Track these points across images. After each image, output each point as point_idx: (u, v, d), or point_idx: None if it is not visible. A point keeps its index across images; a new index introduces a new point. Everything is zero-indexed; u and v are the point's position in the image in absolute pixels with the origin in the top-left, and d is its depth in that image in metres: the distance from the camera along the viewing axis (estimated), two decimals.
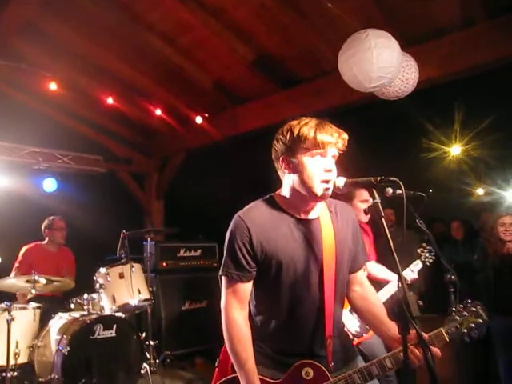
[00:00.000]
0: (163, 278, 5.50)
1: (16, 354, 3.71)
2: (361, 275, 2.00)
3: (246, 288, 1.82)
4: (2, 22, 4.23)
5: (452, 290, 3.30)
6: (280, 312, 1.82)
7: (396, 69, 3.44)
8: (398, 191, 1.89)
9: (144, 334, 4.39)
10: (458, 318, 1.84)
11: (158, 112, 5.80)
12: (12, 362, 3.66)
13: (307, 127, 1.74)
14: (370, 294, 2.00)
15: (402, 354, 1.64)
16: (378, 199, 1.69)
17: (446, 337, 1.77)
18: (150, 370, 4.17)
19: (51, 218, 5.00)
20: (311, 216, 1.85)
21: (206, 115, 5.79)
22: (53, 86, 5.06)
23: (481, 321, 1.83)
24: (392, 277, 3.27)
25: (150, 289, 4.56)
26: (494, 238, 3.91)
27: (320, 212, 1.88)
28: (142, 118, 6.25)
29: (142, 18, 4.47)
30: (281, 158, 1.83)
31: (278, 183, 1.99)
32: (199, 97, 5.62)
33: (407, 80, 3.67)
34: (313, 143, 1.73)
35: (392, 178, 1.73)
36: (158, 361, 4.64)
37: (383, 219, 1.68)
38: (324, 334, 1.81)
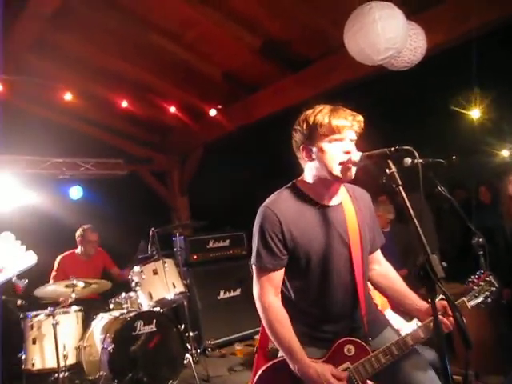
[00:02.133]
0: (195, 270, 5.62)
1: (64, 355, 3.89)
2: (378, 254, 2.11)
3: (279, 275, 1.90)
4: (12, 39, 4.34)
5: (481, 252, 3.31)
6: (313, 294, 1.91)
7: (403, 39, 3.42)
8: (417, 160, 1.92)
9: (183, 326, 4.52)
10: (476, 287, 1.96)
11: (172, 109, 5.88)
12: (62, 363, 3.84)
13: (321, 114, 1.83)
14: (389, 271, 2.10)
15: (431, 324, 1.72)
16: (393, 169, 1.72)
17: (469, 305, 1.89)
18: (193, 361, 4.30)
19: (85, 227, 5.10)
20: (334, 202, 1.94)
21: (220, 107, 5.84)
22: (68, 97, 5.21)
23: (494, 288, 1.96)
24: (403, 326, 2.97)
25: (184, 282, 4.68)
26: (506, 197, 3.92)
27: (342, 198, 1.96)
28: (157, 116, 6.33)
29: (146, 19, 4.52)
30: (301, 148, 1.92)
31: (298, 166, 2.05)
32: (210, 89, 5.67)
33: (415, 49, 3.64)
34: (329, 129, 1.81)
35: (406, 147, 1.76)
36: (199, 351, 4.78)
37: (401, 188, 1.71)
38: (360, 313, 1.91)
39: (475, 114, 7.43)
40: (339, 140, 1.82)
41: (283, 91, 5.20)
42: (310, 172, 1.93)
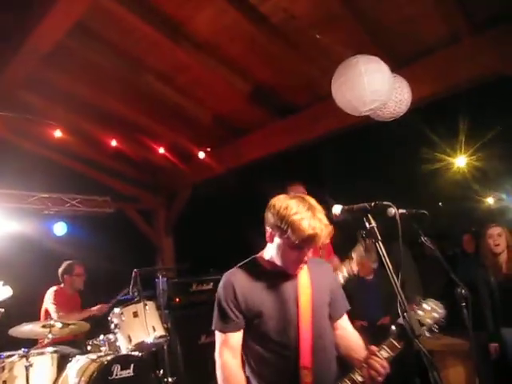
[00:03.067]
0: (177, 313, 5.50)
1: None
2: (342, 322, 2.17)
3: (236, 337, 2.01)
4: (6, 77, 4.39)
5: (464, 304, 3.30)
6: (267, 353, 1.99)
7: (388, 91, 3.54)
8: (401, 211, 1.97)
9: (162, 371, 4.39)
10: (418, 317, 1.83)
11: (161, 150, 5.94)
12: None
13: (292, 225, 1.85)
14: (350, 334, 2.16)
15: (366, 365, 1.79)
16: (373, 224, 1.76)
17: (397, 344, 1.80)
18: None
19: (70, 262, 5.03)
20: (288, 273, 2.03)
21: (209, 149, 5.92)
22: (58, 134, 5.24)
23: (436, 315, 1.86)
24: None
25: (165, 325, 4.58)
26: (486, 251, 3.93)
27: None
28: (146, 156, 6.39)
29: (140, 61, 4.63)
30: (267, 228, 2.00)
31: None
32: (200, 132, 5.76)
33: (400, 101, 3.76)
34: (294, 240, 1.86)
35: (386, 202, 1.81)
36: None
37: (380, 243, 1.74)
38: (298, 367, 1.94)
39: (461, 161, 7.59)
40: (299, 248, 1.89)
41: (271, 136, 5.31)
42: (269, 250, 2.05)
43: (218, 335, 2.05)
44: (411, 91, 3.79)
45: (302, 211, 1.87)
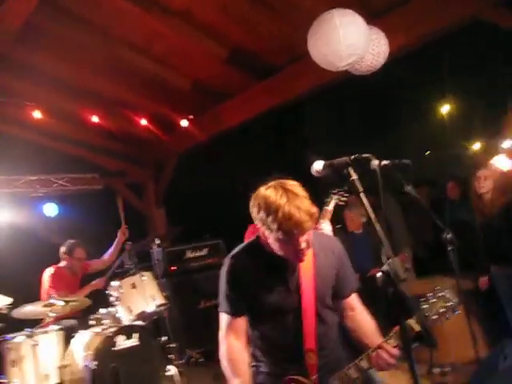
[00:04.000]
0: (174, 281, 5.62)
1: (46, 375, 3.85)
2: (351, 300, 2.14)
3: (240, 321, 2.03)
4: None
5: (451, 248, 3.41)
6: (271, 336, 2.02)
7: (364, 44, 3.53)
8: (384, 162, 2.01)
9: (165, 338, 4.51)
10: (427, 305, 1.88)
11: (144, 122, 5.89)
12: None
13: (270, 217, 1.80)
14: (361, 317, 2.13)
15: (372, 354, 1.83)
16: (354, 176, 1.81)
17: (416, 327, 1.82)
18: (177, 372, 4.30)
19: (72, 242, 5.04)
20: None
21: (191, 117, 5.88)
22: (37, 115, 5.17)
23: (451, 303, 1.87)
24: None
25: (164, 294, 4.68)
26: (472, 193, 4.04)
27: None
28: (130, 130, 6.33)
29: (113, 33, 4.53)
30: (259, 220, 1.90)
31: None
32: (181, 100, 5.70)
33: (378, 53, 3.75)
34: (280, 235, 1.82)
35: (365, 155, 1.85)
36: (182, 361, 4.78)
37: (362, 194, 1.78)
38: (308, 361, 1.95)
39: (445, 108, 7.62)
40: (289, 237, 1.82)
41: (252, 99, 5.28)
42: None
43: (223, 317, 2.06)
44: (388, 42, 3.78)
45: (278, 203, 1.80)
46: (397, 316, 1.65)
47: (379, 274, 1.65)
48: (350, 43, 3.37)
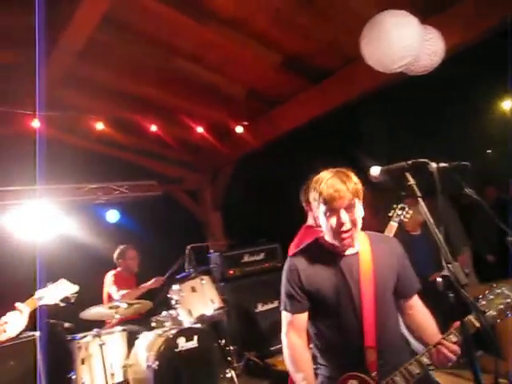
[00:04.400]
0: (232, 285, 5.72)
1: (112, 374, 4.04)
2: (412, 301, 2.13)
3: (302, 318, 2.09)
4: (46, 77, 4.58)
5: None
6: (331, 333, 2.04)
7: (419, 45, 3.46)
8: (442, 165, 1.99)
9: (224, 341, 4.60)
10: (484, 302, 1.86)
11: (200, 129, 6.05)
12: (110, 382, 3.99)
13: (316, 189, 1.99)
14: (421, 316, 2.11)
15: (434, 349, 1.81)
16: (412, 182, 1.80)
17: (476, 323, 1.79)
18: (235, 374, 4.38)
19: (122, 247, 5.31)
20: (350, 251, 2.07)
21: (246, 123, 5.98)
22: (99, 126, 5.46)
23: (509, 300, 1.83)
24: None
25: (222, 297, 4.78)
26: None
27: (360, 246, 2.07)
28: (187, 137, 6.52)
29: (169, 45, 4.69)
30: (310, 204, 2.11)
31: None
32: (236, 107, 5.81)
33: (433, 53, 3.66)
34: (322, 204, 1.97)
35: (422, 160, 1.83)
36: (241, 364, 4.86)
37: (421, 199, 1.77)
38: (362, 346, 1.96)
39: (506, 104, 7.30)
40: (333, 213, 1.95)
41: (306, 103, 5.29)
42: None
43: (285, 315, 2.13)
44: (444, 41, 3.69)
45: (325, 177, 1.98)
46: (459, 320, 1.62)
47: (439, 279, 1.62)
48: (403, 45, 3.33)
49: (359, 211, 1.99)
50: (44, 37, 3.99)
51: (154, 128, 5.86)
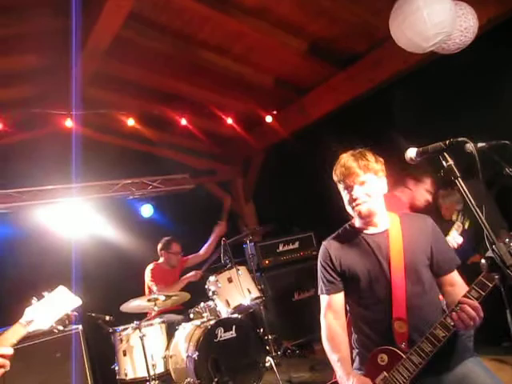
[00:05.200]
0: (268, 274, 5.74)
1: (153, 365, 4.14)
2: (450, 277, 2.12)
3: (337, 299, 2.19)
4: (75, 79, 4.66)
5: None
6: (364, 309, 2.12)
7: (451, 21, 3.35)
8: (480, 144, 1.92)
9: (262, 330, 4.62)
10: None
11: (230, 121, 6.05)
12: (152, 372, 4.08)
13: (334, 170, 2.19)
14: (459, 291, 2.04)
15: (457, 308, 1.79)
16: (450, 161, 1.74)
17: (488, 281, 1.75)
18: (274, 363, 4.39)
19: (168, 239, 5.41)
20: (379, 229, 2.17)
21: (275, 112, 5.95)
22: (131, 122, 5.53)
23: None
24: None
25: (259, 287, 4.79)
26: None
27: (389, 225, 2.15)
28: (217, 129, 6.55)
29: (194, 37, 4.70)
30: None
31: None
32: (264, 97, 5.78)
33: (466, 29, 3.54)
34: (338, 181, 2.16)
35: (460, 139, 1.77)
36: (279, 353, 4.88)
37: (459, 180, 1.72)
38: (391, 318, 2.00)
39: None
40: (347, 188, 2.12)
41: (335, 89, 5.21)
42: None
43: (322, 298, 2.24)
44: (477, 16, 3.56)
45: (340, 158, 2.18)
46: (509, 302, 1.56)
47: (483, 261, 1.58)
48: (435, 22, 3.23)
49: (375, 186, 2.11)
50: (71, 37, 4.08)
51: (183, 121, 5.90)
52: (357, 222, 2.22)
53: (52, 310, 2.14)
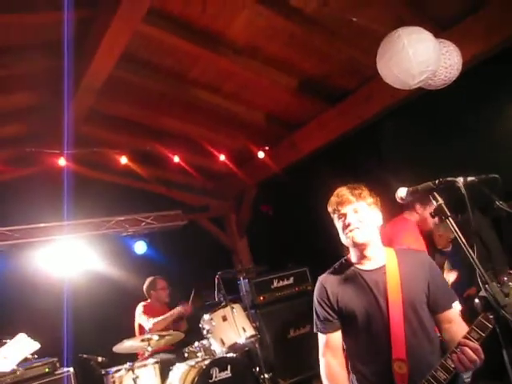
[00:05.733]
0: (263, 311, 5.66)
1: None
2: (448, 314, 2.09)
3: (335, 338, 2.15)
4: (68, 116, 4.71)
5: None
6: (361, 349, 2.09)
7: (436, 59, 3.44)
8: (470, 179, 1.95)
9: (257, 369, 4.53)
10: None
11: (222, 157, 6.10)
12: None
13: (329, 200, 2.20)
14: (457, 328, 2.04)
15: (457, 351, 1.75)
16: (440, 201, 1.77)
17: (487, 322, 1.71)
18: None
19: (152, 279, 5.35)
20: (374, 266, 2.14)
21: (267, 148, 6.01)
22: (123, 160, 5.56)
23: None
24: None
25: (254, 324, 4.72)
26: None
27: (386, 261, 2.13)
28: (209, 165, 6.59)
29: (186, 77, 4.78)
30: None
31: None
32: (256, 133, 5.85)
33: (451, 66, 3.63)
34: (332, 211, 2.19)
35: (449, 178, 1.81)
36: None
37: (450, 219, 1.73)
38: (391, 359, 1.96)
39: None
40: (340, 216, 2.14)
41: (326, 124, 5.30)
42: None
43: (320, 337, 2.21)
44: (461, 53, 3.66)
45: (339, 188, 2.21)
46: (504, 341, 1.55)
47: (477, 301, 1.58)
48: (420, 60, 3.31)
49: (369, 215, 2.12)
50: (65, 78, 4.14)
51: (176, 158, 5.93)
52: (353, 257, 2.19)
53: (13, 354, 2.47)
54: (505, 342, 1.48)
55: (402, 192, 1.90)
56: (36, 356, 3.66)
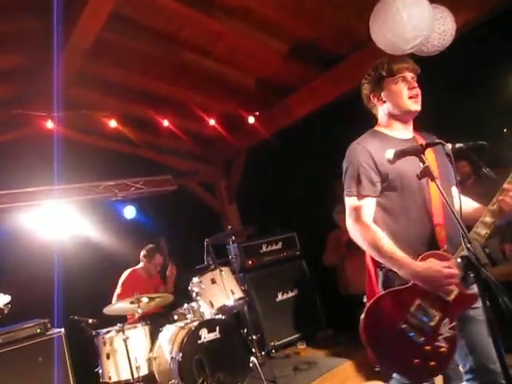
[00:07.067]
0: (252, 275, 5.74)
1: (137, 367, 4.12)
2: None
3: (372, 203, 2.12)
4: (56, 78, 4.61)
5: None
6: (403, 216, 2.09)
7: (430, 24, 3.42)
8: (458, 145, 1.98)
9: (245, 331, 4.63)
10: None
11: (212, 122, 6.05)
12: (135, 375, 4.07)
13: (383, 63, 2.25)
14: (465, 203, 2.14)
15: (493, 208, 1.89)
16: (427, 163, 1.79)
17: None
18: (258, 363, 4.40)
19: (153, 248, 5.42)
20: (408, 136, 2.24)
21: (257, 113, 5.97)
22: (113, 124, 5.49)
23: None
24: None
25: (242, 288, 4.80)
26: None
27: (414, 135, 2.26)
28: (199, 129, 6.54)
29: (176, 39, 4.68)
30: (371, 96, 2.30)
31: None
32: (247, 98, 5.80)
33: (444, 32, 3.62)
34: (392, 72, 2.19)
35: (437, 140, 1.83)
36: (263, 353, 4.90)
37: (436, 181, 1.76)
38: (433, 225, 2.04)
39: None
40: (402, 79, 2.17)
41: (318, 90, 5.25)
42: (383, 114, 2.28)
43: (354, 201, 2.12)
44: (454, 19, 3.63)
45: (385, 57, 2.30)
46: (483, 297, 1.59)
47: (459, 260, 1.62)
48: (414, 25, 3.30)
49: None
50: (52, 38, 4.04)
51: (166, 123, 5.88)
52: (393, 126, 2.24)
53: None
54: (483, 298, 1.53)
55: (389, 154, 1.91)
56: (10, 305, 3.72)
